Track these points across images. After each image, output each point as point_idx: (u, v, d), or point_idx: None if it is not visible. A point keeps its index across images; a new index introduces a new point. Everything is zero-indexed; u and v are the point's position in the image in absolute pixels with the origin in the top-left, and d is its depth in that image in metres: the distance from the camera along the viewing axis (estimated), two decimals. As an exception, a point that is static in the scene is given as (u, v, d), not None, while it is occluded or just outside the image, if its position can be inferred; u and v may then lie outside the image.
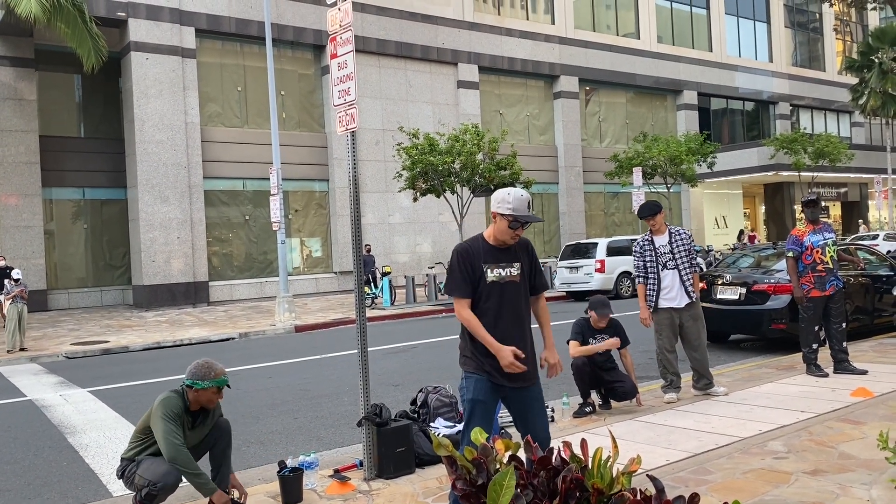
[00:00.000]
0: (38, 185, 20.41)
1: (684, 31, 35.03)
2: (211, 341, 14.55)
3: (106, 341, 14.42)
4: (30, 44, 20.46)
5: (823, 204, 36.45)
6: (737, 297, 9.70)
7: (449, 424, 5.59)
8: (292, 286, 20.23)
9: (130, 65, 20.52)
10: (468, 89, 27.07)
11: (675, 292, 6.81)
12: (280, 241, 16.92)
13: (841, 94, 39.92)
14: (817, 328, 7.59)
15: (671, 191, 27.19)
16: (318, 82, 24.43)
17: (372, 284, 19.94)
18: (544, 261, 26.25)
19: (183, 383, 4.30)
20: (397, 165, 21.20)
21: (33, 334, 15.56)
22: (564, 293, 20.37)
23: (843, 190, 38.55)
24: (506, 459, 2.13)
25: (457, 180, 19.05)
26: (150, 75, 20.64)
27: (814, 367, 7.52)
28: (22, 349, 13.48)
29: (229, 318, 18.07)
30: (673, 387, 6.90)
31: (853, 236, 27.95)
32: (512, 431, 5.52)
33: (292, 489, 4.58)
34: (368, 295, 19.49)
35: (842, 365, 7.55)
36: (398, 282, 22.54)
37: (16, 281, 14.01)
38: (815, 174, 31.27)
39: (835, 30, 42.53)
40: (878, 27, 34.55)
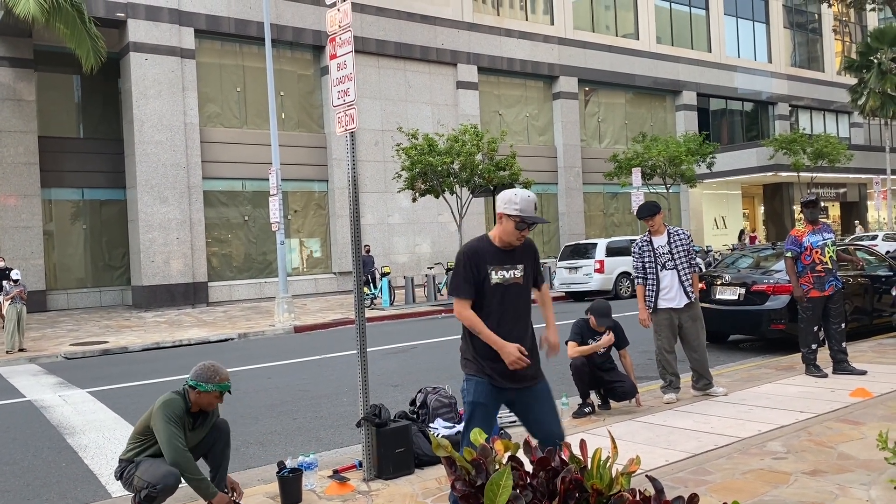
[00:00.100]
0: (38, 185, 20.40)
1: (683, 32, 35.05)
2: (210, 342, 14.55)
3: (105, 342, 14.41)
4: (29, 44, 20.45)
5: (822, 204, 36.45)
6: (736, 298, 9.71)
7: (448, 425, 5.58)
8: (291, 287, 20.22)
9: (129, 65, 20.52)
10: (467, 90, 27.08)
11: (674, 293, 6.80)
12: (279, 242, 16.92)
13: (840, 94, 39.94)
14: (816, 328, 7.59)
15: (670, 191, 27.19)
16: (317, 83, 24.43)
17: (371, 285, 19.94)
18: (543, 261, 26.21)
19: (186, 383, 4.29)
20: (396, 166, 21.21)
21: (32, 335, 15.55)
22: (564, 293, 20.37)
23: (842, 190, 38.59)
24: (505, 460, 2.13)
25: (456, 181, 19.04)
26: (150, 76, 20.64)
27: (813, 368, 7.53)
28: (21, 350, 13.47)
29: (228, 318, 18.06)
30: (672, 387, 6.90)
31: (852, 237, 27.95)
32: (512, 432, 5.52)
33: (291, 490, 4.58)
34: (368, 295, 19.48)
35: (841, 365, 7.55)
36: (397, 282, 22.54)
37: (15, 282, 14.01)
38: (814, 175, 31.29)
39: (834, 30, 42.58)
40: (878, 28, 34.57)
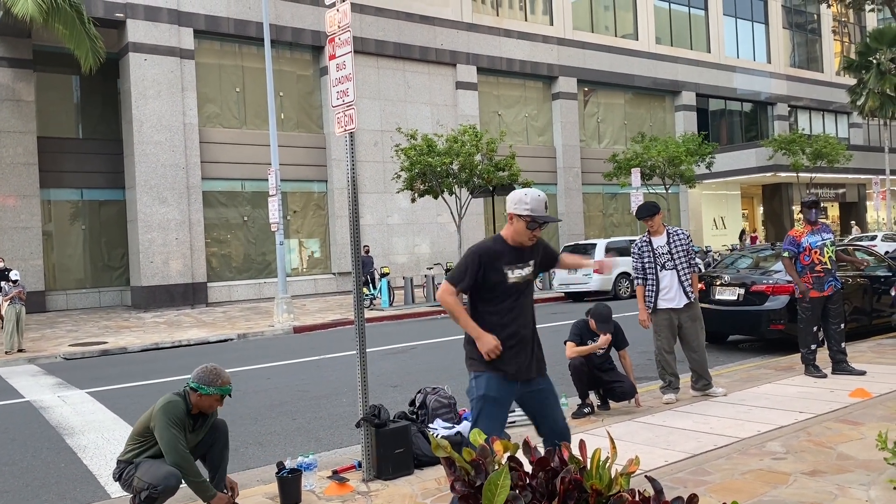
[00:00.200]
0: (37, 186, 20.39)
1: (682, 32, 35.06)
2: (209, 342, 14.54)
3: (104, 342, 14.40)
4: (28, 45, 20.44)
5: (822, 205, 36.42)
6: (735, 298, 9.71)
7: (447, 425, 5.58)
8: (291, 287, 20.21)
9: (129, 66, 20.51)
10: (467, 90, 27.08)
11: (674, 293, 6.80)
12: (278, 242, 16.91)
13: (839, 95, 39.97)
14: (816, 329, 7.58)
15: (669, 192, 27.19)
16: (316, 83, 24.42)
17: (370, 285, 19.94)
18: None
19: (187, 385, 4.29)
20: (396, 166, 21.20)
21: (31, 335, 15.54)
22: (563, 294, 20.37)
23: (841, 191, 38.61)
24: (504, 460, 2.13)
25: (455, 181, 19.04)
26: (149, 76, 20.63)
27: (812, 368, 7.53)
28: (20, 350, 13.46)
29: (228, 319, 18.05)
30: (671, 387, 6.90)
31: (850, 237, 27.96)
32: (511, 432, 5.52)
33: (291, 490, 4.58)
34: (367, 296, 19.48)
35: (840, 366, 7.55)
36: (397, 283, 22.53)
37: (14, 282, 14.01)
38: (814, 175, 31.31)
39: (833, 31, 42.60)
40: (877, 28, 34.59)
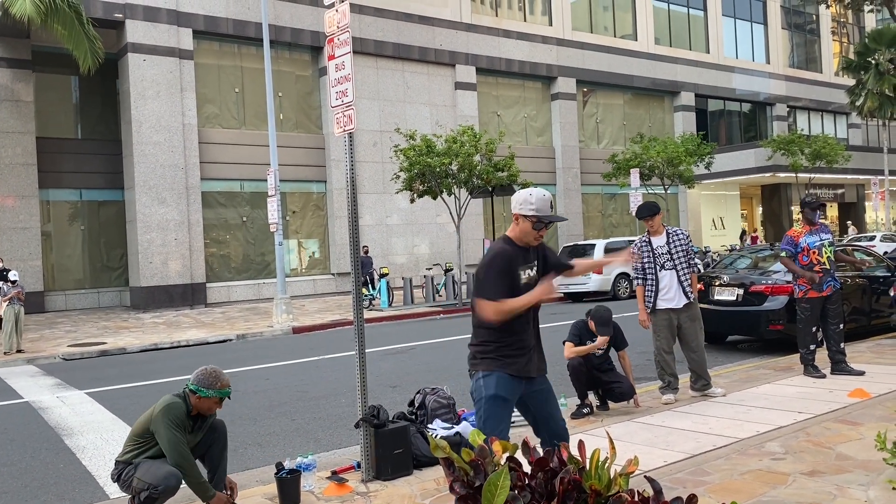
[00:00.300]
0: (35, 186, 20.37)
1: (681, 33, 35.08)
2: (208, 343, 14.53)
3: (103, 343, 14.39)
4: (27, 45, 20.43)
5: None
6: (734, 299, 9.71)
7: (446, 426, 5.57)
8: (290, 287, 20.20)
9: (128, 66, 20.50)
10: (466, 90, 27.08)
11: (673, 293, 6.80)
12: (277, 243, 16.91)
13: (838, 95, 40.00)
14: (815, 329, 7.58)
15: (668, 192, 27.20)
16: (315, 84, 24.42)
17: (370, 286, 19.93)
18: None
19: (187, 386, 4.29)
20: (395, 167, 21.18)
21: (30, 336, 15.53)
22: (562, 294, 20.38)
23: (840, 191, 38.63)
24: (503, 461, 2.13)
25: (454, 182, 19.03)
26: (148, 77, 20.62)
27: (811, 368, 7.53)
28: (19, 351, 13.46)
29: (227, 319, 18.04)
30: (671, 388, 6.90)
31: (848, 238, 27.97)
32: (510, 433, 5.51)
33: (290, 491, 4.57)
34: (366, 296, 19.47)
35: (839, 366, 7.56)
36: (396, 283, 22.53)
37: (13, 283, 13.99)
38: (813, 175, 31.32)
39: (832, 31, 42.62)
40: (875, 29, 34.62)
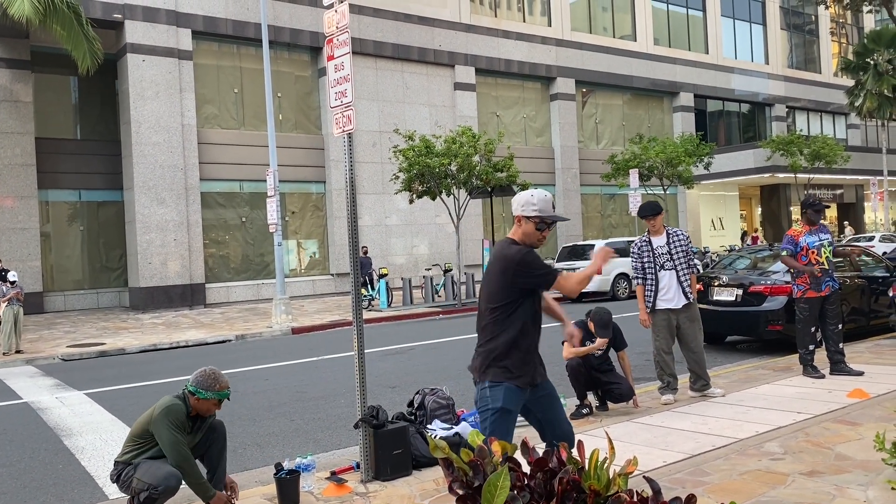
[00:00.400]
0: (34, 187, 20.35)
1: (681, 34, 35.09)
2: (207, 343, 14.52)
3: (102, 343, 14.38)
4: (26, 45, 20.42)
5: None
6: (733, 299, 9.71)
7: (446, 426, 5.57)
8: (289, 288, 20.20)
9: (127, 66, 20.50)
10: (465, 91, 27.08)
11: (673, 293, 6.81)
12: (277, 243, 16.90)
13: (837, 96, 40.02)
14: (814, 329, 7.59)
15: (667, 193, 27.21)
16: (314, 84, 24.41)
17: (369, 286, 19.93)
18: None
19: (186, 388, 4.30)
20: (394, 167, 21.18)
21: (29, 336, 15.51)
22: (561, 294, 20.36)
23: (839, 192, 38.64)
24: (502, 461, 2.12)
25: (453, 182, 19.04)
26: (147, 77, 20.61)
27: (810, 369, 7.53)
28: (18, 351, 13.44)
29: (226, 320, 18.04)
30: (670, 388, 6.90)
31: (847, 238, 27.99)
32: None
33: (289, 491, 4.57)
34: (365, 297, 19.47)
35: (838, 366, 7.56)
36: (395, 284, 22.52)
37: (12, 283, 13.98)
38: (812, 176, 31.34)
39: (831, 32, 42.65)
40: (874, 29, 34.65)
